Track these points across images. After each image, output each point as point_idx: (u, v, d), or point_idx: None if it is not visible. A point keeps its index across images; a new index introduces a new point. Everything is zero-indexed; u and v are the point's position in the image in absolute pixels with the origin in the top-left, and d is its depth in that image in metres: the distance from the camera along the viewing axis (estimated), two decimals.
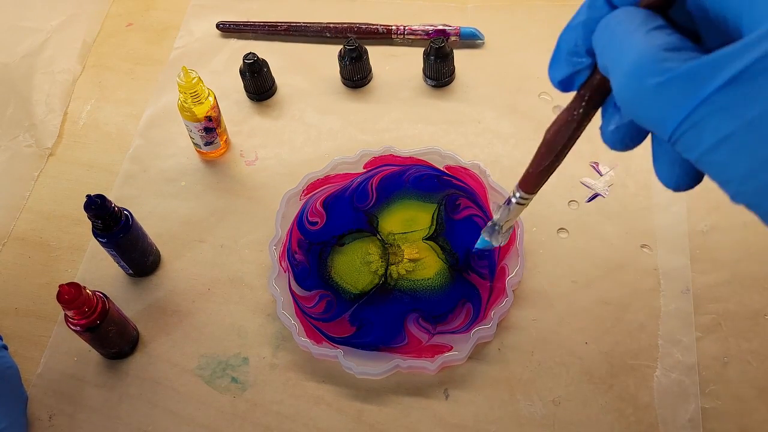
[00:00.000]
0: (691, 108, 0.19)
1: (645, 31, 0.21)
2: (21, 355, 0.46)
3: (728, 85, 0.19)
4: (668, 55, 0.20)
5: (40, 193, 0.54)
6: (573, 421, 0.42)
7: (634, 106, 0.21)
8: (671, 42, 0.21)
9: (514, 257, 0.46)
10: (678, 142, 0.20)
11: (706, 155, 0.20)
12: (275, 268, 0.47)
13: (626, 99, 0.22)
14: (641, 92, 0.21)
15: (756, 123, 0.18)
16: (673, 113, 0.20)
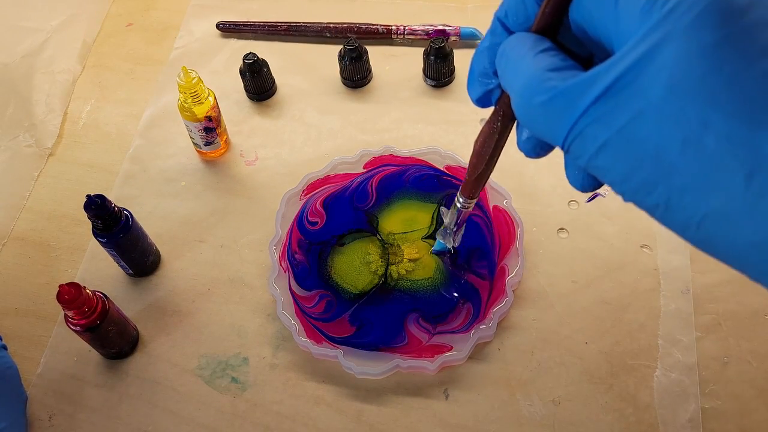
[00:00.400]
0: (573, 121, 0.22)
1: (533, 55, 0.24)
2: (21, 355, 0.46)
3: (600, 98, 0.21)
4: (552, 75, 0.23)
5: (40, 193, 0.54)
6: (573, 421, 0.42)
7: (528, 121, 0.24)
8: (555, 63, 0.23)
9: (514, 257, 0.46)
10: (568, 152, 0.23)
11: (591, 161, 0.22)
12: (275, 268, 0.47)
13: (521, 116, 0.24)
14: (531, 109, 0.23)
15: (625, 130, 0.21)
16: (559, 126, 0.22)
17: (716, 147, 0.19)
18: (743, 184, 0.19)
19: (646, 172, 0.21)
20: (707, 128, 0.19)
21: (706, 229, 0.20)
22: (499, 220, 0.47)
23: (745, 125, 0.19)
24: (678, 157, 0.20)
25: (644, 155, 0.20)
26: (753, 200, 0.19)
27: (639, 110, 0.20)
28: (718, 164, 0.19)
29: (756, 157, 0.19)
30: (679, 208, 0.20)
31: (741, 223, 0.19)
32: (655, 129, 0.20)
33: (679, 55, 0.19)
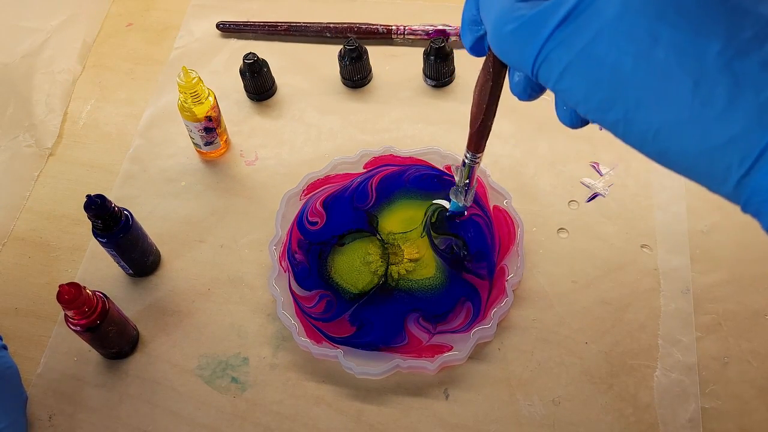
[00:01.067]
0: (539, 46, 0.23)
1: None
2: (21, 355, 0.46)
3: (562, 23, 0.22)
4: (521, 5, 0.24)
5: (40, 193, 0.54)
6: (573, 421, 0.42)
7: (501, 52, 0.25)
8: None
9: (514, 257, 0.46)
10: (538, 77, 0.24)
11: (557, 84, 0.23)
12: (275, 268, 0.47)
13: (496, 47, 0.26)
14: (503, 39, 0.25)
15: (585, 51, 0.22)
16: (527, 53, 0.24)
17: (665, 59, 0.20)
18: (690, 94, 0.20)
19: (605, 89, 0.22)
20: (657, 42, 0.20)
21: (661, 141, 0.21)
22: (499, 220, 0.47)
23: (691, 36, 0.20)
24: (632, 72, 0.21)
25: (603, 73, 0.22)
26: (699, 109, 0.20)
27: (596, 30, 0.22)
28: (668, 76, 0.20)
29: (701, 66, 0.20)
30: (635, 122, 0.22)
31: (690, 132, 0.20)
32: (610, 47, 0.21)
33: None
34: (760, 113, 0.19)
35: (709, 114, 0.20)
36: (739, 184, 0.20)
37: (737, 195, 0.21)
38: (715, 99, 0.20)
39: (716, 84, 0.20)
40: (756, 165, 0.20)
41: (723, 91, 0.20)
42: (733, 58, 0.20)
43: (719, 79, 0.20)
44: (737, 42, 0.20)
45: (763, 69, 0.19)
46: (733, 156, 0.20)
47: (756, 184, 0.20)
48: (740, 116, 0.20)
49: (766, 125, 0.19)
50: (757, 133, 0.19)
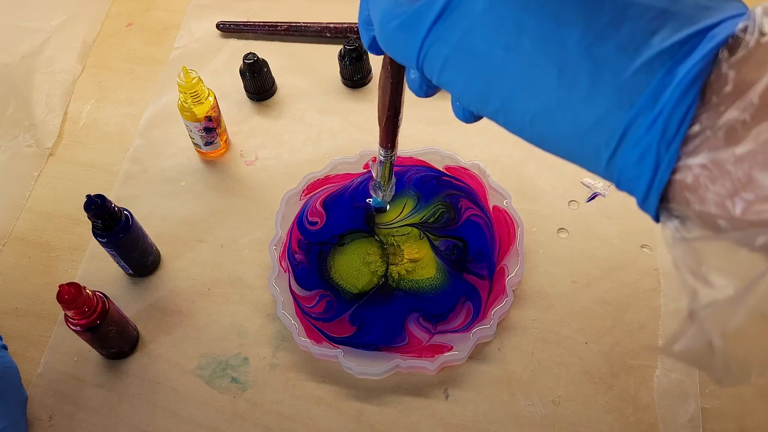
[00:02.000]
0: (420, 41, 0.24)
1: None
2: (21, 355, 0.46)
3: (438, 18, 0.23)
4: (402, 1, 0.24)
5: (40, 193, 0.54)
6: (573, 421, 0.42)
7: (388, 49, 0.26)
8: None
9: (514, 257, 0.46)
10: (423, 71, 0.24)
11: (440, 77, 0.24)
12: (275, 268, 0.47)
13: (382, 44, 0.26)
14: (388, 35, 0.25)
15: (461, 44, 0.23)
16: (410, 48, 0.24)
17: (531, 48, 0.21)
18: (557, 81, 0.21)
19: (481, 80, 0.23)
20: (522, 32, 0.21)
21: (537, 127, 0.22)
22: (499, 220, 0.47)
23: (553, 24, 0.21)
24: (503, 63, 0.22)
25: (478, 65, 0.22)
26: (566, 94, 0.21)
27: (469, 24, 0.22)
28: (535, 64, 0.21)
29: (564, 53, 0.21)
30: (512, 110, 0.22)
31: (560, 117, 0.21)
32: (482, 39, 0.22)
33: None
34: (619, 95, 0.20)
35: (575, 99, 0.21)
36: (609, 164, 0.21)
37: (609, 174, 0.21)
38: (579, 84, 0.20)
39: (579, 70, 0.20)
40: (620, 145, 0.20)
41: (585, 76, 0.20)
42: (592, 44, 0.20)
43: (581, 64, 0.20)
44: (595, 28, 0.20)
45: (620, 52, 0.20)
46: (600, 137, 0.21)
47: (623, 162, 0.20)
48: (602, 99, 0.20)
49: (625, 106, 0.20)
50: (617, 114, 0.20)
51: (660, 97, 0.19)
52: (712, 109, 0.19)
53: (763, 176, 0.18)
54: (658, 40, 0.20)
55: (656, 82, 0.19)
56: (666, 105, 0.19)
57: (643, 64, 0.20)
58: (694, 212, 0.20)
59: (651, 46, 0.20)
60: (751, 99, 0.18)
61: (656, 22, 0.20)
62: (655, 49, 0.20)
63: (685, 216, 0.20)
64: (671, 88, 0.19)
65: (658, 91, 0.19)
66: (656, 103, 0.19)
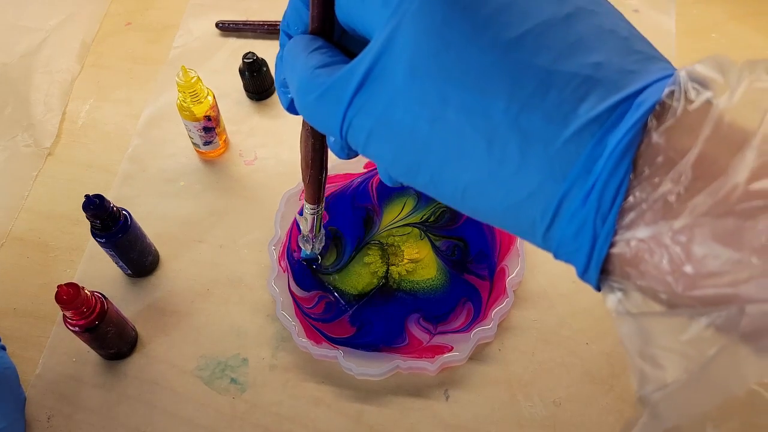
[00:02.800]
0: (342, 112, 0.22)
1: (305, 55, 0.24)
2: (19, 356, 0.46)
3: (359, 90, 0.22)
4: (320, 72, 0.23)
5: (39, 193, 0.54)
6: (574, 422, 0.41)
7: (309, 119, 0.24)
8: (324, 60, 0.24)
9: (515, 257, 0.46)
10: (348, 142, 0.23)
11: (366, 150, 0.23)
12: (274, 268, 0.46)
13: (303, 115, 0.25)
14: (307, 107, 0.24)
15: (384, 117, 0.21)
16: (333, 120, 0.23)
17: (457, 120, 0.20)
18: (486, 153, 0.20)
19: (408, 154, 0.21)
20: (447, 104, 0.20)
21: (470, 200, 0.21)
22: None
23: (478, 95, 0.20)
24: (429, 136, 0.21)
25: (403, 138, 0.21)
26: (496, 167, 0.20)
27: (391, 95, 0.21)
28: (462, 137, 0.20)
29: (491, 125, 0.20)
30: (442, 184, 0.21)
31: (492, 190, 0.20)
32: (405, 112, 0.21)
33: (413, 37, 0.20)
34: (551, 166, 0.19)
35: (505, 172, 0.20)
36: (546, 236, 0.20)
37: (547, 246, 0.21)
38: (509, 156, 0.20)
39: (507, 141, 0.19)
40: (556, 218, 0.19)
41: (515, 148, 0.19)
42: (519, 114, 0.19)
43: (509, 136, 0.19)
44: (520, 97, 0.19)
45: (548, 122, 0.19)
46: (535, 211, 0.20)
47: (560, 236, 0.20)
48: (534, 171, 0.19)
49: (558, 178, 0.19)
50: (550, 186, 0.19)
51: (593, 169, 0.19)
52: (646, 181, 0.18)
53: (702, 251, 0.17)
54: (586, 109, 0.19)
55: (587, 153, 0.19)
56: (599, 177, 0.18)
57: (573, 134, 0.19)
58: (635, 286, 0.19)
59: (579, 115, 0.19)
60: (683, 170, 0.18)
61: (582, 89, 0.19)
62: (583, 119, 0.19)
63: (628, 289, 0.19)
64: (603, 160, 0.18)
65: (590, 162, 0.19)
66: (589, 174, 0.19)
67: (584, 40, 0.20)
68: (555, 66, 0.19)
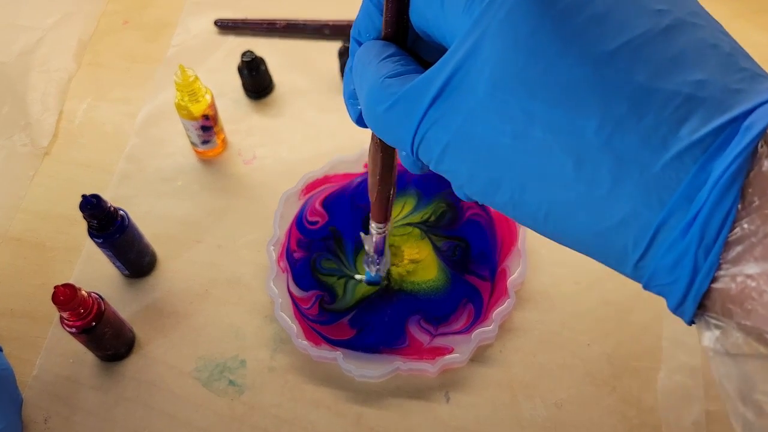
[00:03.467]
0: (416, 125, 0.21)
1: (376, 63, 0.23)
2: (16, 357, 0.46)
3: (436, 100, 0.20)
4: (391, 81, 0.22)
5: (36, 192, 0.54)
6: (576, 423, 0.41)
7: (378, 131, 0.23)
8: (396, 69, 0.23)
9: (516, 258, 0.45)
10: (419, 157, 0.22)
11: (438, 165, 0.22)
12: (273, 268, 0.46)
13: (372, 127, 0.23)
14: (377, 118, 0.23)
15: (462, 130, 0.20)
16: (404, 132, 0.22)
17: (543, 138, 0.19)
18: (574, 174, 0.19)
19: (487, 171, 0.20)
20: (532, 120, 0.19)
21: (553, 223, 0.20)
22: (501, 220, 0.47)
23: (567, 112, 0.19)
24: (512, 153, 0.19)
25: (483, 154, 0.20)
26: (585, 189, 0.19)
27: (470, 109, 0.20)
28: (549, 155, 0.19)
29: (581, 144, 0.18)
30: (523, 204, 0.20)
31: (579, 213, 0.19)
32: (486, 126, 0.20)
33: (498, 49, 0.19)
34: (647, 192, 0.18)
35: (595, 195, 0.19)
36: (637, 266, 0.19)
37: (637, 276, 0.19)
38: (600, 179, 0.18)
39: (598, 163, 0.18)
40: (651, 247, 0.18)
41: (606, 171, 0.18)
42: (613, 134, 0.18)
43: (600, 157, 0.18)
44: (614, 117, 0.18)
45: (644, 144, 0.18)
46: (627, 238, 0.18)
47: (654, 266, 0.18)
48: (627, 196, 0.18)
49: (654, 205, 0.18)
50: (646, 213, 0.18)
51: (695, 198, 0.17)
52: (756, 212, 0.17)
53: None
54: (687, 131, 0.17)
55: (689, 180, 0.17)
56: (703, 207, 0.17)
57: (673, 159, 0.17)
58: (738, 325, 0.17)
59: (679, 137, 0.18)
60: None
61: (683, 109, 0.18)
62: (684, 142, 0.17)
63: (728, 327, 0.18)
64: (708, 188, 0.17)
65: (692, 190, 0.17)
66: (691, 203, 0.17)
67: (685, 56, 0.18)
68: (653, 83, 0.18)
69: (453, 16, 0.21)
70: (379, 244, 0.39)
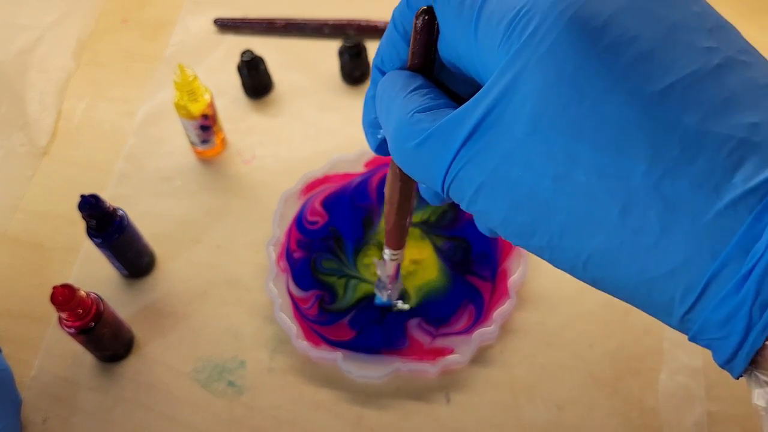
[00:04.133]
0: (447, 164, 0.20)
1: (404, 95, 0.22)
2: (15, 358, 0.46)
3: (470, 138, 0.19)
4: (421, 116, 0.21)
5: (34, 192, 0.53)
6: (577, 425, 0.41)
7: (406, 168, 0.22)
8: (425, 103, 0.21)
9: (517, 258, 0.45)
10: (449, 196, 0.21)
11: (471, 206, 0.21)
12: (272, 269, 0.46)
13: (399, 163, 0.22)
14: (406, 155, 0.22)
15: (498, 171, 0.19)
16: (435, 171, 0.21)
17: (587, 182, 0.18)
18: (619, 221, 0.18)
19: (524, 214, 0.19)
20: (576, 162, 0.18)
21: (593, 270, 0.19)
22: None
23: (613, 155, 0.18)
24: (552, 196, 0.19)
25: (520, 196, 0.19)
26: (630, 237, 0.18)
27: (508, 148, 0.19)
28: (592, 200, 0.18)
29: (628, 189, 0.18)
30: (562, 249, 0.19)
31: (623, 262, 0.18)
32: (525, 167, 0.19)
33: (538, 86, 0.18)
34: (698, 242, 0.17)
35: (642, 243, 0.18)
36: (684, 319, 0.18)
37: (684, 329, 0.19)
38: (647, 226, 0.17)
39: (646, 209, 0.17)
40: (699, 301, 0.17)
41: (655, 218, 0.17)
42: (662, 180, 0.17)
43: (649, 203, 0.17)
44: (664, 160, 0.17)
45: (696, 191, 0.17)
46: (675, 290, 0.18)
47: (703, 320, 0.18)
48: (677, 246, 0.17)
49: (706, 256, 0.17)
50: (696, 264, 0.17)
51: (751, 249, 0.16)
52: None
53: None
54: (742, 178, 0.17)
55: (743, 230, 0.16)
56: (760, 260, 0.16)
57: (726, 207, 0.17)
58: None
59: (734, 184, 0.17)
60: None
61: (737, 154, 0.17)
62: (739, 189, 0.17)
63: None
64: (765, 241, 0.16)
65: (748, 241, 0.16)
66: (746, 256, 0.16)
67: (737, 97, 0.17)
68: (705, 126, 0.17)
69: (488, 49, 0.20)
70: (393, 271, 0.38)
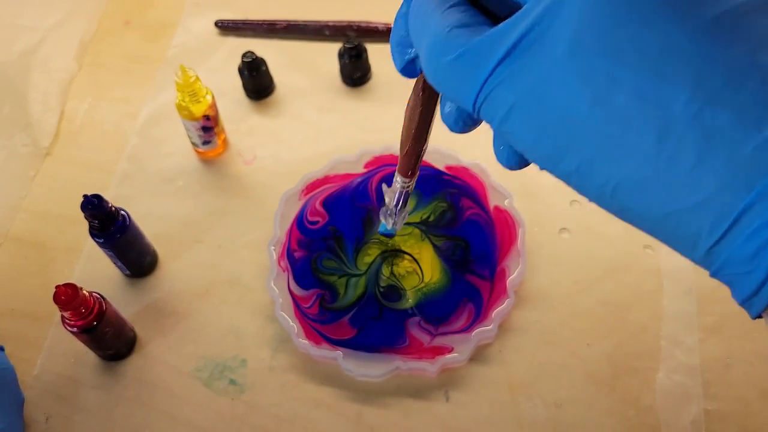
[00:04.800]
0: (482, 81, 0.20)
1: (441, 11, 0.22)
2: (17, 357, 0.46)
3: (507, 57, 0.19)
4: (458, 32, 0.21)
5: (37, 193, 0.54)
6: (575, 423, 0.41)
7: (438, 83, 0.22)
8: (463, 19, 0.21)
9: (516, 258, 0.45)
10: (480, 115, 0.21)
11: (502, 126, 0.20)
12: (274, 268, 0.46)
13: (431, 78, 0.22)
14: (439, 70, 0.21)
15: (534, 91, 0.19)
16: (468, 87, 0.20)
17: (626, 105, 0.18)
18: (654, 148, 0.18)
19: (556, 136, 0.19)
20: (616, 86, 0.18)
21: (621, 199, 0.19)
22: (500, 220, 0.47)
23: (656, 80, 0.17)
24: (587, 119, 0.18)
25: (554, 118, 0.19)
26: (664, 166, 0.18)
27: (546, 68, 0.19)
28: (628, 125, 0.18)
29: (666, 116, 0.17)
30: (591, 175, 0.19)
31: (653, 191, 0.18)
32: (562, 88, 0.18)
33: (584, 9, 0.18)
34: (734, 174, 0.17)
35: (675, 172, 0.17)
36: (710, 252, 0.18)
37: (706, 263, 0.18)
38: (683, 155, 0.17)
39: (683, 138, 0.17)
40: (728, 234, 0.17)
41: (691, 147, 0.17)
42: (703, 109, 0.17)
43: (686, 132, 0.17)
44: (707, 89, 0.17)
45: (737, 122, 0.17)
46: (703, 221, 0.17)
47: (729, 254, 0.17)
48: (711, 177, 0.17)
49: (741, 188, 0.17)
50: (729, 196, 0.17)
51: None
52: None
53: None
54: None
55: None
56: None
57: (766, 141, 0.16)
58: None
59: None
60: None
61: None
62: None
63: None
64: None
65: None
66: None
67: None
68: (754, 57, 0.17)
69: None
70: (401, 198, 0.38)
